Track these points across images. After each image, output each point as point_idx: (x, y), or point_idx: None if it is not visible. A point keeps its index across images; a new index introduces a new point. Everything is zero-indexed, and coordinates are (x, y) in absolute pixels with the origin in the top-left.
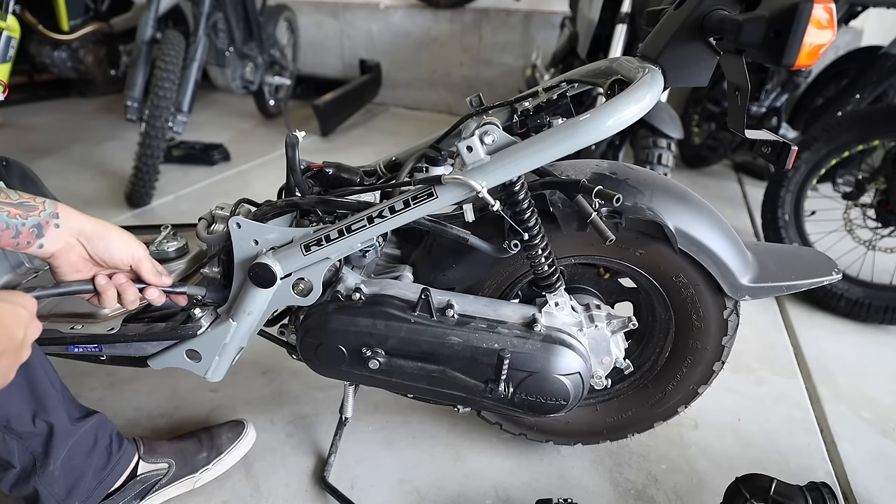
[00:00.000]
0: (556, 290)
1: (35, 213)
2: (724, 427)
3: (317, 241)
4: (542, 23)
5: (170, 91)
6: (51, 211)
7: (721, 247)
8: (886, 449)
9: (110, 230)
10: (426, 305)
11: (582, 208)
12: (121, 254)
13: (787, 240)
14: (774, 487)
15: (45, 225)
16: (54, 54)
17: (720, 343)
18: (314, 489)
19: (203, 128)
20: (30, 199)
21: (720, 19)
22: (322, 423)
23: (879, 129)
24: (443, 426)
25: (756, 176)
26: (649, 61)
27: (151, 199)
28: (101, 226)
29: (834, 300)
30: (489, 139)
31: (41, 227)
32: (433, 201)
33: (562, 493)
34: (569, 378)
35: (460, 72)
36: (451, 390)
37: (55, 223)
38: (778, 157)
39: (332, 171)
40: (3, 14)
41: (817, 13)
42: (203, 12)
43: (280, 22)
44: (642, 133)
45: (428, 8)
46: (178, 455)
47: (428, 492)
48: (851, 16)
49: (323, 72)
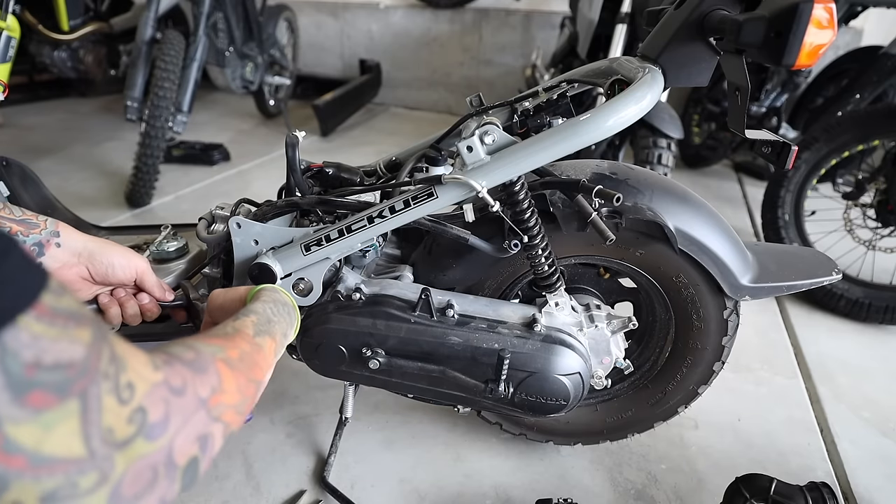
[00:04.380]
0: (556, 290)
1: (36, 231)
2: (724, 427)
3: (317, 241)
4: (542, 23)
5: (170, 91)
6: (52, 230)
7: (721, 247)
8: (886, 449)
9: (111, 248)
10: (426, 305)
11: (582, 208)
12: (124, 269)
13: (787, 240)
14: (774, 487)
15: (46, 244)
16: (54, 54)
17: (720, 343)
18: (314, 489)
19: (203, 128)
20: (32, 217)
21: (720, 19)
22: (322, 423)
23: (879, 129)
24: (443, 426)
25: (756, 176)
26: (649, 61)
27: (151, 199)
28: (102, 244)
29: (834, 300)
30: (489, 139)
31: (42, 245)
32: (433, 201)
33: (562, 493)
34: (569, 378)
35: (460, 72)
36: (451, 390)
37: (56, 242)
38: (778, 157)
39: (332, 171)
40: (3, 14)
41: (817, 13)
42: (203, 12)
43: (280, 22)
44: (642, 133)
45: (428, 8)
46: None
47: (428, 492)
48: (851, 16)
49: (323, 72)
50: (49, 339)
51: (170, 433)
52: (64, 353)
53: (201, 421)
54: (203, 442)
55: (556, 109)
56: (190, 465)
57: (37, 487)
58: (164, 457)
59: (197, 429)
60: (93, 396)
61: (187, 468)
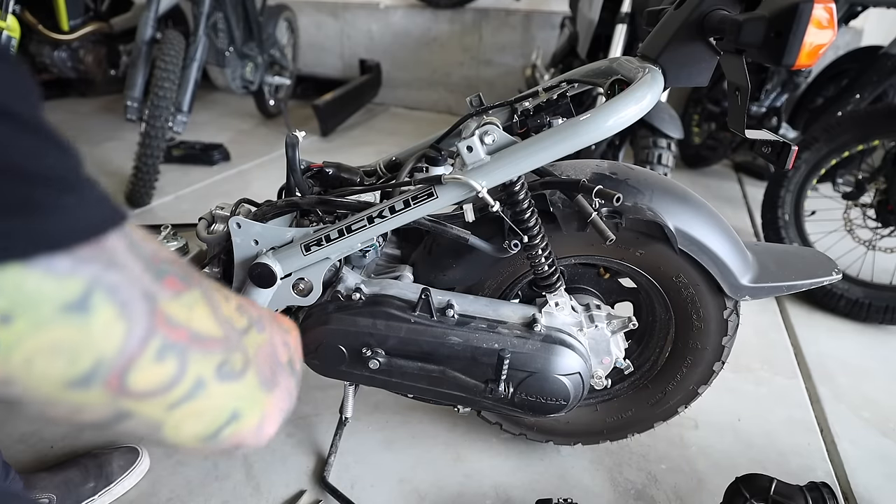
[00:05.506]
0: (556, 290)
1: None
2: (724, 427)
3: (317, 241)
4: (542, 23)
5: (170, 91)
6: None
7: (721, 247)
8: (886, 449)
9: None
10: (426, 305)
11: (582, 208)
12: None
13: (787, 240)
14: (774, 487)
15: None
16: (54, 54)
17: (720, 343)
18: (314, 489)
19: (203, 128)
20: None
21: (720, 19)
22: (322, 423)
23: (879, 129)
24: (443, 426)
25: (756, 176)
26: (649, 61)
27: (151, 199)
28: None
29: (834, 300)
30: (489, 139)
31: None
32: (433, 201)
33: (562, 493)
34: (569, 378)
35: (460, 72)
36: (451, 390)
37: None
38: (778, 157)
39: (332, 171)
40: (3, 14)
41: (817, 13)
42: (203, 12)
43: (280, 22)
44: (642, 133)
45: (428, 8)
46: (62, 487)
47: (428, 492)
48: (851, 16)
49: (323, 72)
50: (155, 242)
51: (268, 330)
52: (171, 254)
53: (278, 330)
54: (287, 347)
55: (556, 109)
56: (290, 365)
57: (208, 360)
58: (273, 349)
59: (280, 335)
60: (207, 288)
61: (289, 367)
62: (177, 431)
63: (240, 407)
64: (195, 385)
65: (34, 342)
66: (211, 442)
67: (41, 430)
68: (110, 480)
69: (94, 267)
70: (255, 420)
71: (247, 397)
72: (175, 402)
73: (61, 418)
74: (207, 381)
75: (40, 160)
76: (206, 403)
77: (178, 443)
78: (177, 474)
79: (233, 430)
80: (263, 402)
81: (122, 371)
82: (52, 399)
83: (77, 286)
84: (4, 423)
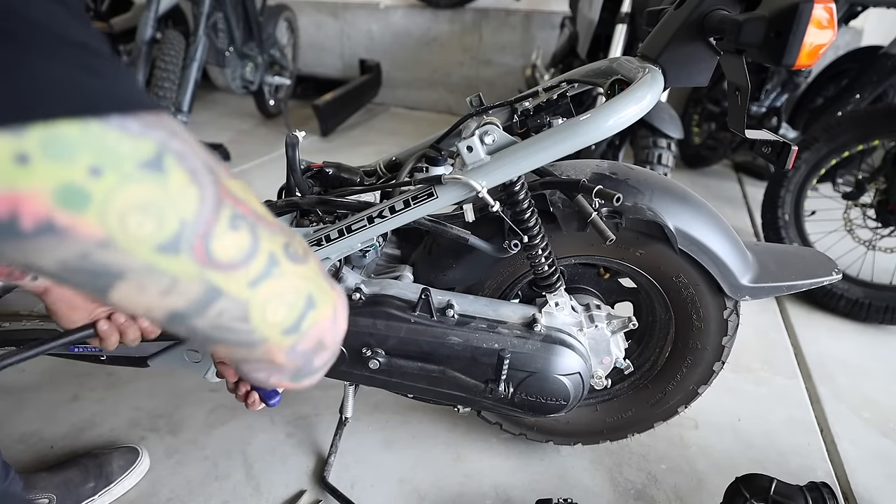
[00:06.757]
0: (556, 290)
1: None
2: (724, 427)
3: (317, 241)
4: (542, 23)
5: (170, 91)
6: None
7: (721, 247)
8: (886, 449)
9: None
10: (426, 305)
11: (582, 208)
12: None
13: (787, 240)
14: (774, 487)
15: None
16: None
17: (720, 343)
18: (314, 489)
19: (203, 128)
20: None
21: (720, 19)
22: (322, 423)
23: (879, 129)
24: (443, 426)
25: (756, 176)
26: (649, 61)
27: None
28: None
29: (834, 300)
30: (489, 139)
31: None
32: (433, 201)
33: (562, 493)
34: (569, 378)
35: (460, 72)
36: (451, 390)
37: None
38: (778, 157)
39: (332, 171)
40: None
41: (817, 13)
42: (203, 12)
43: (280, 22)
44: (642, 133)
45: (428, 8)
46: (62, 487)
47: (428, 492)
48: (851, 16)
49: (323, 72)
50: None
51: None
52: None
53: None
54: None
55: (556, 109)
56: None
57: (275, 238)
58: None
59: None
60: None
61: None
62: (263, 316)
63: (313, 293)
64: (269, 261)
65: (124, 197)
66: (295, 335)
67: (41, 430)
68: (110, 480)
69: (161, 133)
70: (329, 310)
71: (317, 283)
72: (255, 278)
73: (156, 308)
74: (279, 258)
75: (94, 38)
76: (283, 283)
77: (267, 336)
78: (177, 474)
79: (313, 319)
80: (332, 294)
81: (204, 236)
82: (147, 266)
83: (150, 146)
84: (4, 423)
